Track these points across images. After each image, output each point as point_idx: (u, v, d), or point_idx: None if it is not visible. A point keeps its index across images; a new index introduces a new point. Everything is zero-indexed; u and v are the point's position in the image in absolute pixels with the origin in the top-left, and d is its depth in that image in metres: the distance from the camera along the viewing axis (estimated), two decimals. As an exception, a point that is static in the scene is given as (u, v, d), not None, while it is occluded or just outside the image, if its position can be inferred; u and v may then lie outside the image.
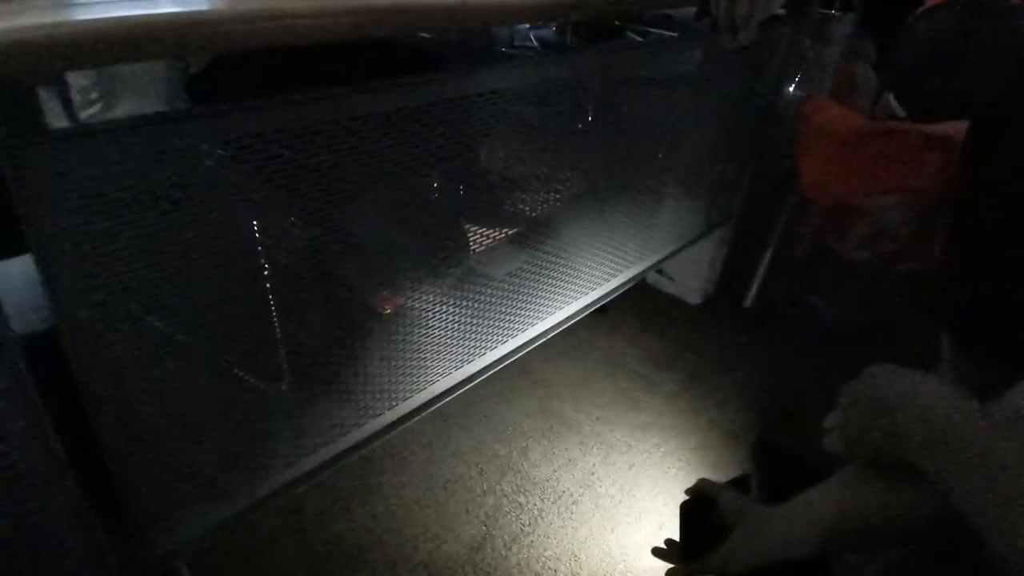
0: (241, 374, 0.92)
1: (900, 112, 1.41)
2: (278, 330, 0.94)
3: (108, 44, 0.52)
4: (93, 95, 1.11)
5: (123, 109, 1.11)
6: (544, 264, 1.23)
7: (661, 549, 0.68)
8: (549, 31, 1.76)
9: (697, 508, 0.66)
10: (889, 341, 1.65)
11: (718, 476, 1.39)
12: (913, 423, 0.50)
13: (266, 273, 0.91)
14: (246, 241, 0.83)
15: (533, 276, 1.21)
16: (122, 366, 0.69)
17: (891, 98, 1.42)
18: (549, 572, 1.17)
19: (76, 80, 1.04)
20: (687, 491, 0.69)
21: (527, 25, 1.68)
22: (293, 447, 0.98)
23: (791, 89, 2.00)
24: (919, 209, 1.31)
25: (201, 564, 1.10)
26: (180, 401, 0.77)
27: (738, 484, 0.69)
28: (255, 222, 0.84)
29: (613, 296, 1.47)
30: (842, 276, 1.94)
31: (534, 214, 1.20)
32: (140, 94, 1.10)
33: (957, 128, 0.98)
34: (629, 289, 1.55)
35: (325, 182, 0.79)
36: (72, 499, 0.68)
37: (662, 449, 1.44)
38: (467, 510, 1.26)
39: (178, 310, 0.73)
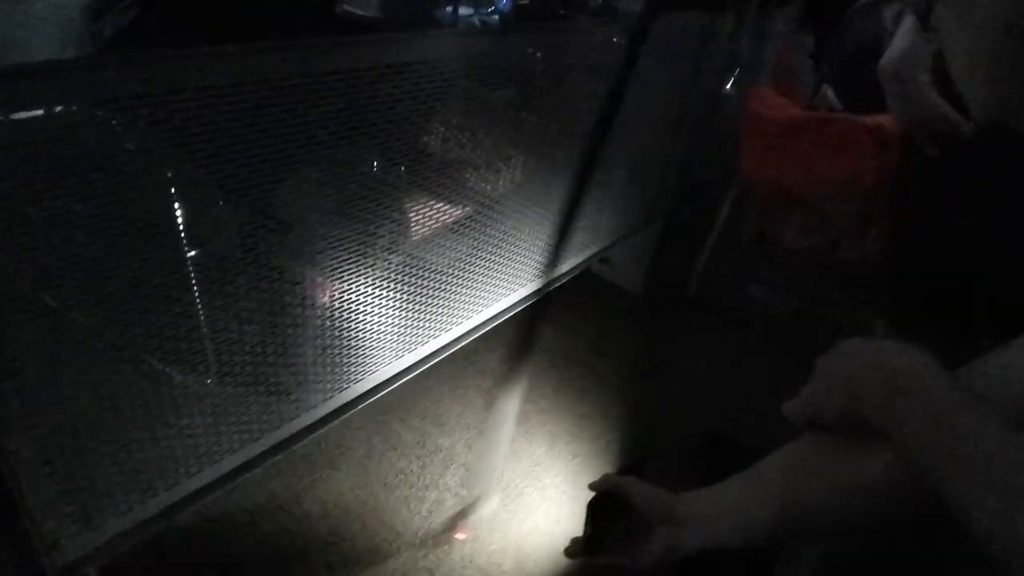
0: (157, 365, 0.85)
1: (837, 104, 1.44)
2: (202, 318, 0.87)
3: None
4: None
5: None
6: (488, 252, 1.19)
7: (571, 548, 0.66)
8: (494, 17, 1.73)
9: (604, 503, 0.64)
10: (826, 328, 1.70)
11: (663, 463, 1.39)
12: (875, 380, 0.49)
13: (187, 256, 0.83)
14: (159, 217, 0.76)
15: (477, 263, 1.17)
16: (18, 354, 0.61)
17: (829, 90, 1.45)
18: (494, 567, 1.14)
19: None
20: (591, 486, 0.67)
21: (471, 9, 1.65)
22: (217, 444, 0.91)
23: (731, 82, 2.04)
24: (856, 198, 1.34)
25: (116, 571, 1.01)
26: (81, 392, 0.69)
27: (632, 470, 0.68)
28: (172, 196, 0.77)
29: (558, 284, 1.45)
30: (781, 265, 1.99)
31: (479, 199, 1.16)
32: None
33: (892, 119, 0.99)
34: (574, 278, 1.54)
35: (252, 152, 0.73)
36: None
37: (605, 438, 1.43)
38: (408, 506, 1.21)
39: (79, 292, 0.66)
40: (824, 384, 0.56)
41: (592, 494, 0.65)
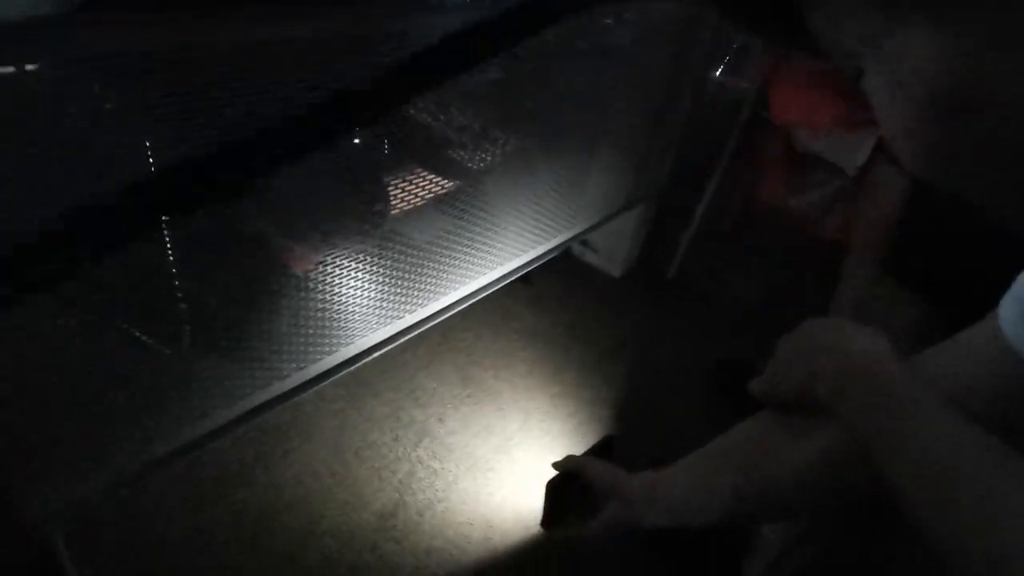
0: (128, 329, 0.84)
1: None
2: (177, 285, 0.86)
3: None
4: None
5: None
6: (468, 229, 1.19)
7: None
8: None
9: (564, 483, 0.67)
10: (800, 313, 1.73)
11: (635, 444, 1.42)
12: (828, 359, 0.51)
13: (163, 223, 0.83)
14: (134, 180, 0.75)
15: (455, 240, 1.17)
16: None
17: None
18: (462, 538, 1.16)
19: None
20: (554, 465, 0.69)
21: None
22: (186, 409, 0.91)
23: (719, 70, 2.04)
24: (846, 184, 1.39)
25: (81, 535, 1.01)
26: (47, 354, 0.69)
27: (598, 451, 0.70)
28: (148, 158, 0.77)
29: (537, 265, 1.45)
30: (762, 252, 2.02)
31: (461, 175, 1.16)
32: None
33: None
34: (553, 260, 1.54)
35: (229, 117, 0.72)
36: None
37: (578, 417, 1.45)
38: (380, 477, 1.23)
39: (47, 255, 0.65)
40: (783, 361, 0.57)
41: (553, 473, 0.67)
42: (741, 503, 0.58)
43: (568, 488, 0.66)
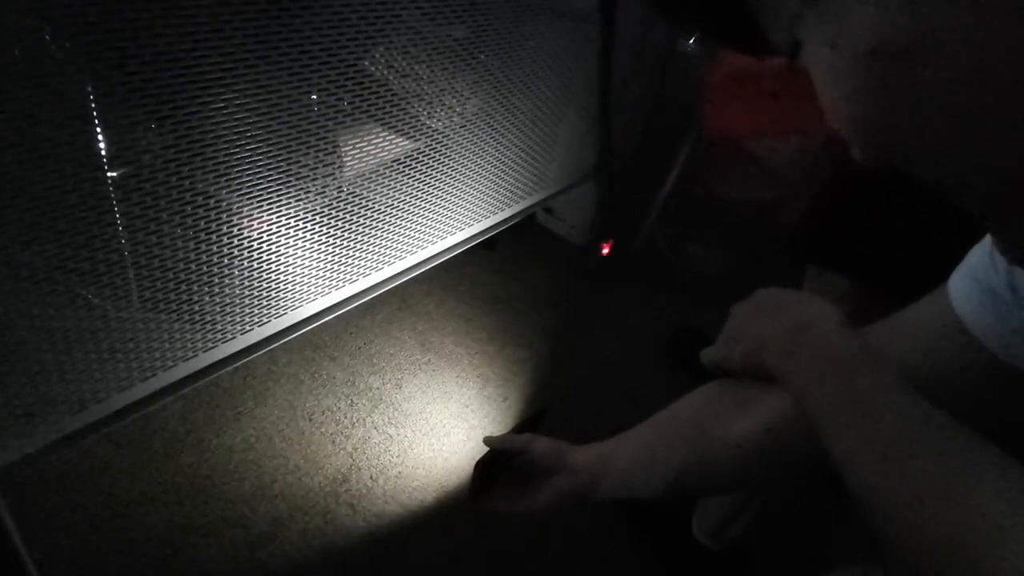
0: (71, 286, 0.80)
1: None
2: (122, 241, 0.82)
3: None
4: None
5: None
6: (428, 190, 1.16)
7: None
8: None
9: (495, 460, 0.67)
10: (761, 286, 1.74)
11: (592, 413, 1.43)
12: (777, 328, 0.50)
13: (108, 178, 0.79)
14: (81, 134, 0.71)
15: (415, 202, 1.14)
16: None
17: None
18: (415, 503, 1.16)
19: None
20: (488, 442, 0.68)
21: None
22: (128, 369, 0.87)
23: (692, 38, 2.01)
24: (807, 155, 1.38)
25: (18, 497, 0.98)
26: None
27: (529, 426, 0.70)
28: (95, 111, 0.72)
29: (499, 230, 1.43)
30: (725, 226, 2.03)
31: (421, 136, 1.12)
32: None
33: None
34: (517, 227, 1.52)
35: (179, 69, 0.68)
36: None
37: (537, 384, 1.45)
38: (333, 442, 1.21)
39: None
40: (734, 330, 0.57)
41: (484, 450, 0.67)
42: (683, 477, 0.58)
43: (497, 464, 0.66)
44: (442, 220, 1.23)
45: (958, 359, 0.45)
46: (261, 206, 0.92)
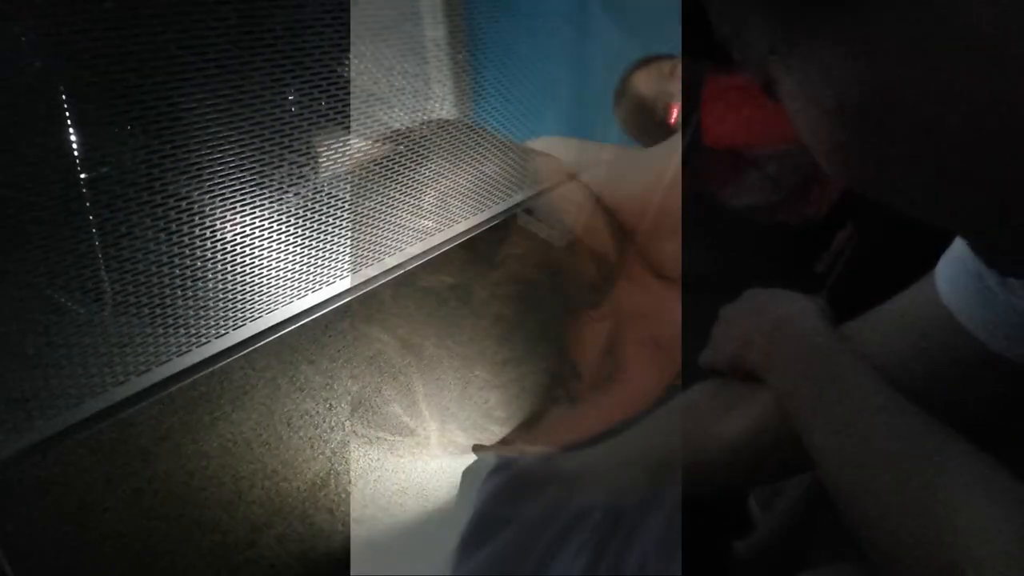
0: (43, 289, 0.79)
1: None
2: (95, 243, 0.81)
3: None
4: None
5: None
6: (405, 192, 1.16)
7: None
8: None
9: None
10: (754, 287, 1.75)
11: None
12: (759, 325, 0.51)
13: (81, 178, 0.78)
14: (53, 136, 0.70)
15: (392, 204, 1.14)
16: None
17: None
18: (396, 506, 1.15)
19: None
20: (475, 449, 0.68)
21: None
22: (101, 375, 0.86)
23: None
24: (805, 163, 1.39)
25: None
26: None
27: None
28: (67, 112, 0.71)
29: (479, 231, 1.43)
30: (715, 226, 2.04)
31: (398, 137, 1.12)
32: None
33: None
34: (496, 227, 1.52)
35: (151, 71, 0.67)
36: None
37: (519, 385, 1.45)
38: (312, 446, 1.20)
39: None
40: (721, 332, 0.57)
41: (472, 459, 0.67)
42: (675, 479, 0.57)
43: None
44: (419, 223, 1.23)
45: (950, 351, 0.45)
46: (236, 207, 0.91)
